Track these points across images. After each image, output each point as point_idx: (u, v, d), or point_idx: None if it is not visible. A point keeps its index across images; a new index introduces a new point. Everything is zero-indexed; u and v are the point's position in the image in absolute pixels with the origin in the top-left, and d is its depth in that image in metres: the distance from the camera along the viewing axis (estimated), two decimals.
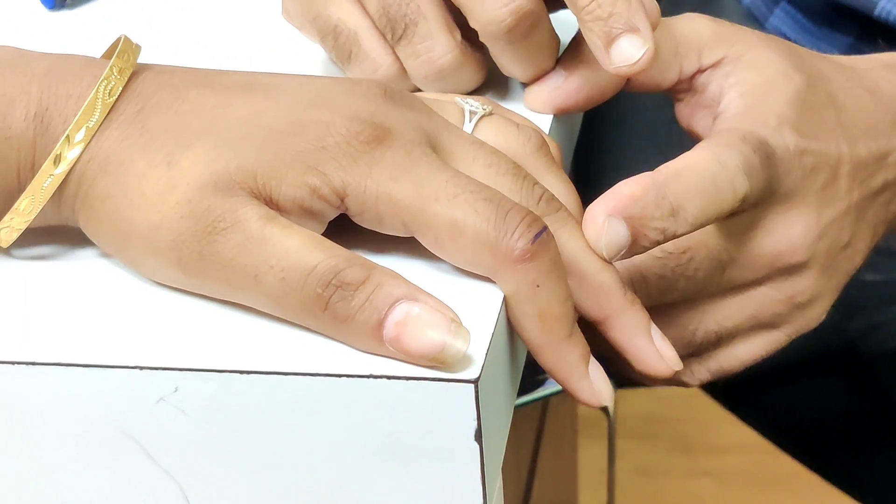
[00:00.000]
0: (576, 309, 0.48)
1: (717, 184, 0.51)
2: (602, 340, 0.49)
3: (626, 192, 0.49)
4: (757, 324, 0.57)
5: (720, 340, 0.57)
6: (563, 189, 0.50)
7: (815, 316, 0.57)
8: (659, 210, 0.49)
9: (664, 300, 0.54)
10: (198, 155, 0.44)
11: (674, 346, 0.50)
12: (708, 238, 0.54)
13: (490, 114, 0.51)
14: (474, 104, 0.51)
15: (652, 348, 0.49)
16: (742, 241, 0.54)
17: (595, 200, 0.49)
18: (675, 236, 0.50)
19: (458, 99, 0.51)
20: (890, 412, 0.80)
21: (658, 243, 0.50)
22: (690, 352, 0.57)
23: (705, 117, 0.57)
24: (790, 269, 0.55)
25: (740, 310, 0.56)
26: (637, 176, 0.50)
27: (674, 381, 0.58)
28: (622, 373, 0.59)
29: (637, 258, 0.54)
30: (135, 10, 0.67)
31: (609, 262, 0.48)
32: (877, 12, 0.72)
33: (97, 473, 0.43)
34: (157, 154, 0.45)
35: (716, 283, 0.55)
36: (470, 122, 0.50)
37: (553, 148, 0.52)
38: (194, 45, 0.63)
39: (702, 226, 0.51)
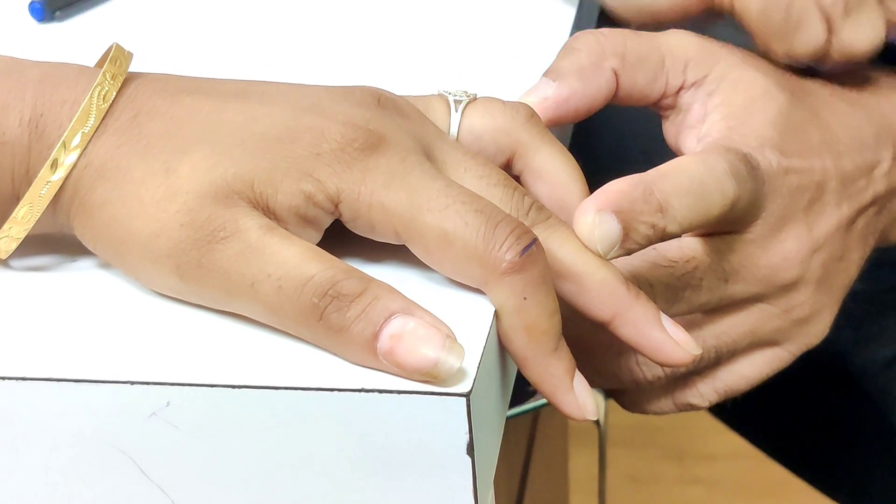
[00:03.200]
0: (583, 314, 0.48)
1: (704, 184, 0.51)
2: (589, 360, 0.49)
3: (614, 189, 0.49)
4: (757, 340, 0.57)
5: (720, 358, 0.57)
6: (560, 156, 0.51)
7: (816, 332, 0.58)
8: (647, 205, 0.49)
9: (670, 311, 0.54)
10: (195, 162, 0.44)
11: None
12: (711, 249, 0.55)
13: (474, 99, 0.51)
14: (457, 93, 0.51)
15: (667, 338, 0.48)
16: (742, 255, 0.55)
17: (584, 200, 0.49)
18: (666, 234, 0.50)
19: (442, 91, 0.51)
20: (878, 421, 0.80)
21: (650, 240, 0.50)
22: (692, 369, 0.57)
23: (690, 138, 0.58)
24: (786, 286, 0.56)
25: (737, 325, 0.57)
26: (625, 176, 0.50)
27: (683, 406, 0.59)
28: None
29: (643, 267, 0.54)
30: (125, 23, 0.67)
31: (606, 259, 0.48)
32: None
33: (89, 489, 0.43)
34: (154, 161, 0.45)
35: (718, 296, 0.55)
36: (457, 111, 0.51)
37: None
38: (185, 57, 0.63)
39: (692, 227, 0.51)
